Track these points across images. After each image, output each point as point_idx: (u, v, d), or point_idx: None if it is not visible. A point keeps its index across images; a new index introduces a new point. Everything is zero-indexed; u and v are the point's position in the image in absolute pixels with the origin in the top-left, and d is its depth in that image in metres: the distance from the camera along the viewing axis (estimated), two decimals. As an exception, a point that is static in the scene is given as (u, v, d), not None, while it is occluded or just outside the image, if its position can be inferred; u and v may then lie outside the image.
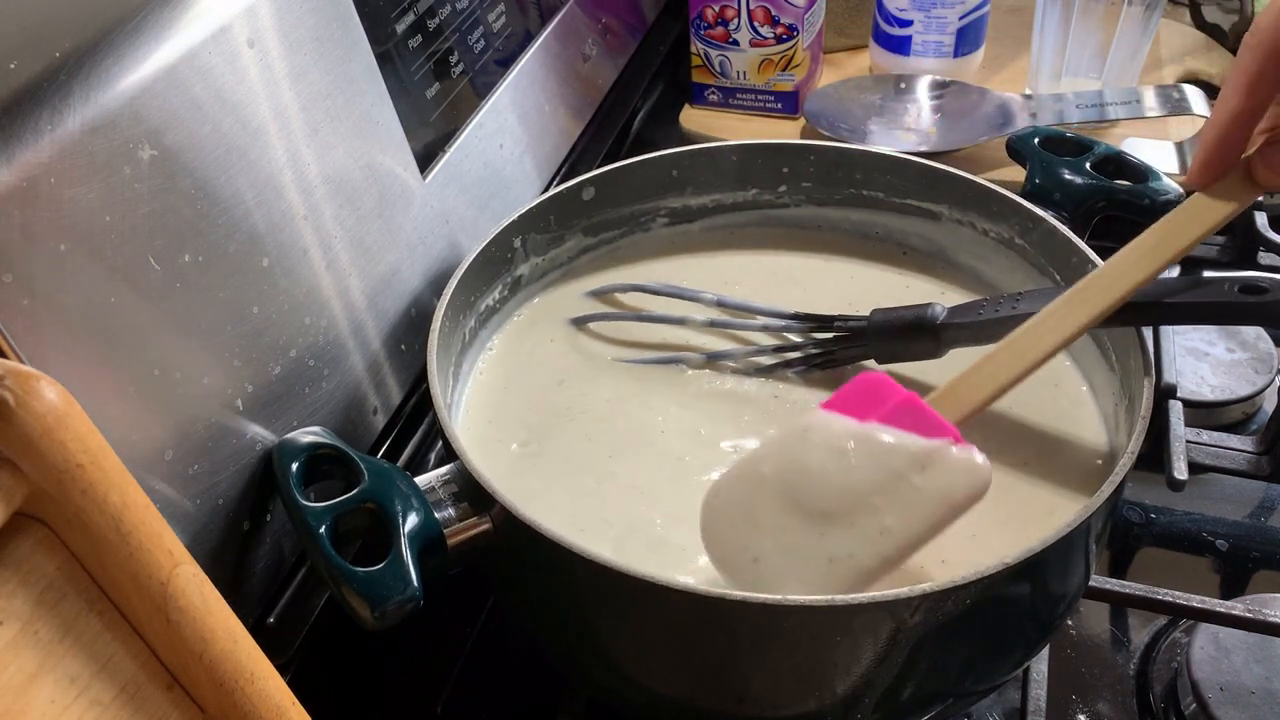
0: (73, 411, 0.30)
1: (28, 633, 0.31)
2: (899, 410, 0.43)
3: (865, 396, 0.44)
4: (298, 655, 0.48)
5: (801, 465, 0.43)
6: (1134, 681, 0.56)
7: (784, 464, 0.44)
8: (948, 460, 0.42)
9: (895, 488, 0.42)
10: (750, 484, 0.44)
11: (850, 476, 0.43)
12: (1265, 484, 0.65)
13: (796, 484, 0.43)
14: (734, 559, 0.44)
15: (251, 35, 0.45)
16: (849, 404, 0.44)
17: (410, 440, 0.57)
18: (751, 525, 0.44)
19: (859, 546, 0.42)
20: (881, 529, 0.42)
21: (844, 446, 0.43)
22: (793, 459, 0.44)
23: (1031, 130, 0.63)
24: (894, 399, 0.43)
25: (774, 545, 0.43)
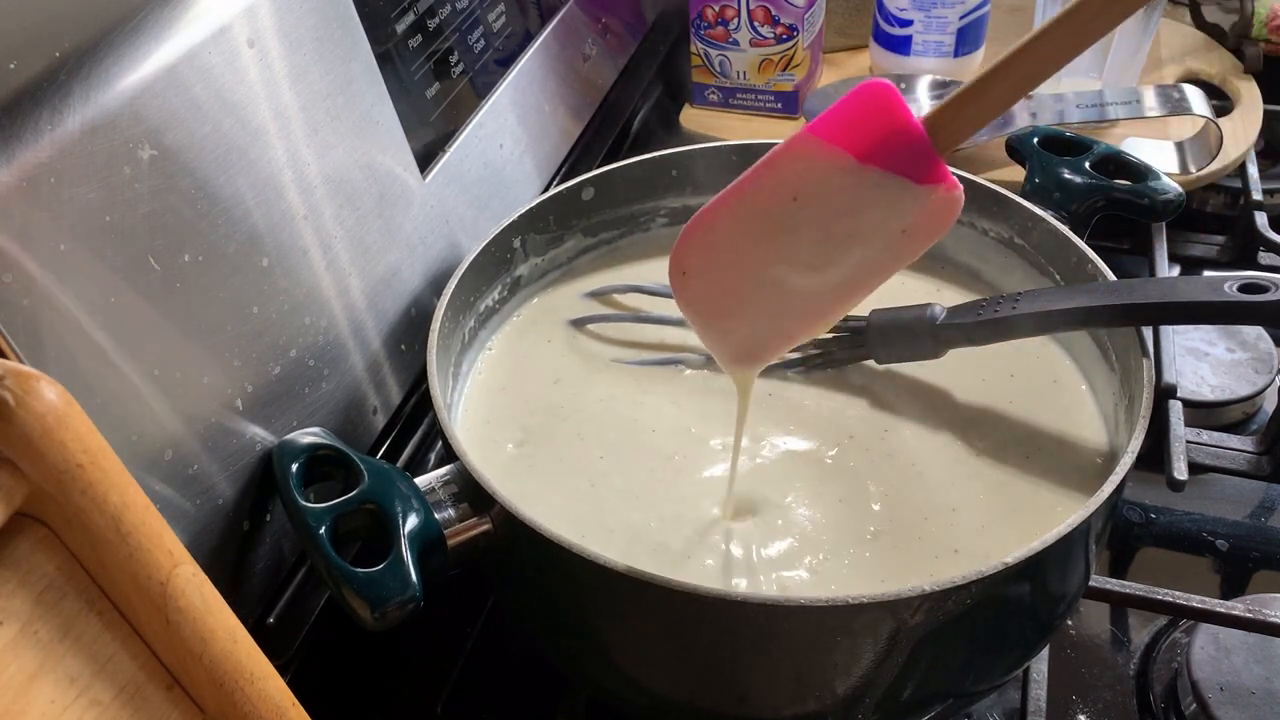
0: (73, 411, 0.30)
1: (28, 633, 0.31)
2: (900, 150, 0.38)
3: (861, 120, 0.39)
4: (298, 655, 0.48)
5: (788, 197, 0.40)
6: (1134, 681, 0.56)
7: (771, 197, 0.41)
8: (935, 201, 0.39)
9: (877, 230, 0.40)
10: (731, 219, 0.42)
11: (834, 216, 0.40)
12: (1265, 484, 0.65)
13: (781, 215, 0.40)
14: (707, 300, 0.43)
15: (251, 35, 0.45)
16: (841, 131, 0.39)
17: (410, 440, 0.57)
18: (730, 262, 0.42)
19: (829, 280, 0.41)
20: (856, 269, 0.41)
21: (834, 186, 0.39)
22: (780, 191, 0.40)
23: (1031, 130, 0.63)
24: (897, 127, 0.38)
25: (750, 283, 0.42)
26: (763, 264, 0.41)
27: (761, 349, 0.45)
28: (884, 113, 0.38)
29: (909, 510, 0.50)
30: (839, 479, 0.51)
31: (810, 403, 0.56)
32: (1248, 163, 0.80)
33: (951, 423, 0.54)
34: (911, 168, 0.38)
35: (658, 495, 0.51)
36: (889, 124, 0.38)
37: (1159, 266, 0.71)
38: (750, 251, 0.42)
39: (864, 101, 0.38)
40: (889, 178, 0.39)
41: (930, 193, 0.39)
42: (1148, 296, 0.48)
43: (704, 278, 0.43)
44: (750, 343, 0.44)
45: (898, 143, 0.38)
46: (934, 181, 0.39)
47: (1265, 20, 0.86)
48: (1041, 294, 0.52)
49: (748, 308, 0.43)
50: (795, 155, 0.40)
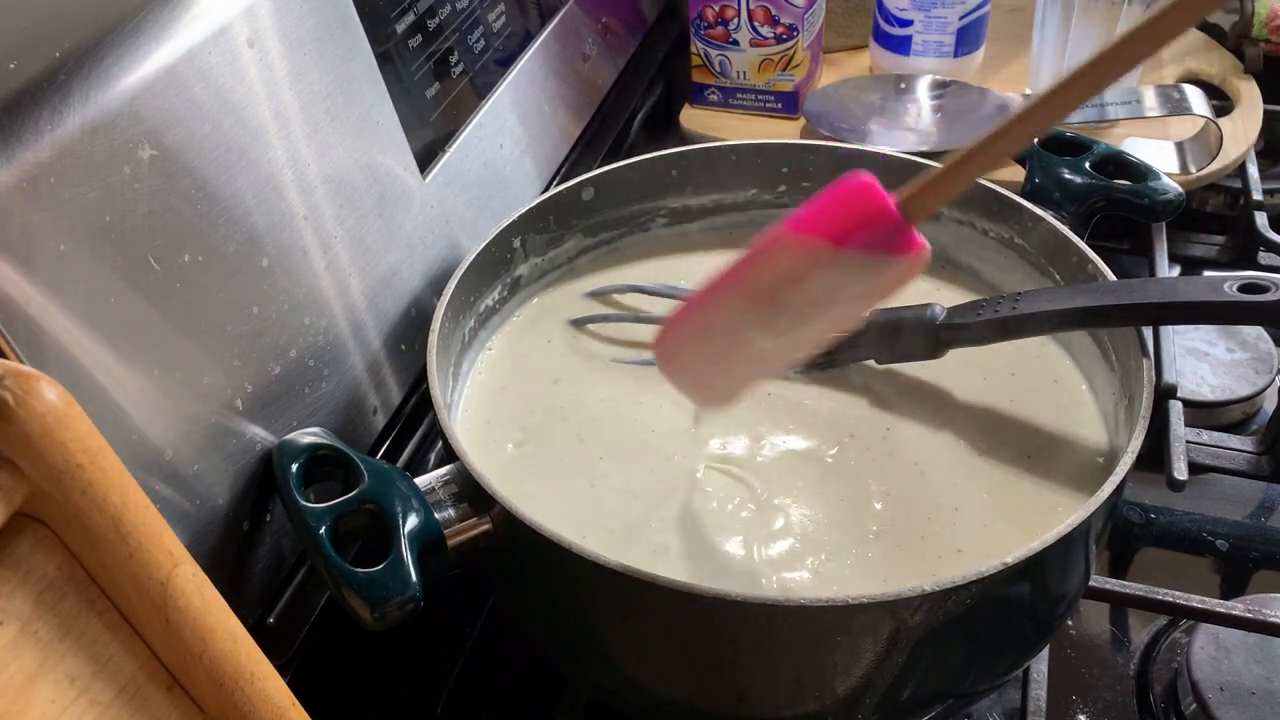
0: (73, 411, 0.30)
1: (28, 633, 0.31)
2: (875, 230, 0.40)
3: (843, 212, 0.41)
4: (298, 655, 0.48)
5: (768, 287, 0.42)
6: (1134, 681, 0.56)
7: (752, 289, 0.43)
8: (905, 265, 0.41)
9: (848, 296, 0.42)
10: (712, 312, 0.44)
11: (811, 293, 0.42)
12: (1265, 484, 0.65)
13: (760, 301, 0.43)
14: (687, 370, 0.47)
15: (251, 35, 0.45)
16: (823, 223, 0.41)
17: (410, 440, 0.57)
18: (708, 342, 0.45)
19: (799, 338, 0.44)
20: (824, 322, 0.43)
21: (813, 271, 0.41)
22: (761, 283, 0.43)
23: (1031, 130, 0.63)
24: (876, 213, 0.40)
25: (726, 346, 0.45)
26: (738, 338, 0.44)
27: (729, 396, 0.48)
28: (864, 203, 0.40)
29: (912, 510, 0.50)
30: (840, 479, 0.51)
31: (810, 402, 0.56)
32: (1248, 163, 0.80)
33: (953, 422, 0.54)
34: (886, 244, 0.40)
35: (658, 496, 0.51)
36: (868, 211, 0.40)
37: (1159, 266, 0.71)
38: (727, 331, 0.44)
39: (846, 194, 0.40)
40: (864, 255, 0.41)
41: (901, 258, 0.41)
42: (1148, 296, 0.48)
43: (685, 361, 0.47)
44: (721, 392, 0.48)
45: (875, 226, 0.40)
46: (906, 251, 0.41)
47: (1265, 20, 0.86)
48: (1041, 294, 0.52)
49: (721, 368, 0.46)
50: (775, 253, 0.42)
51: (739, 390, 0.48)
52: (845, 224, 0.40)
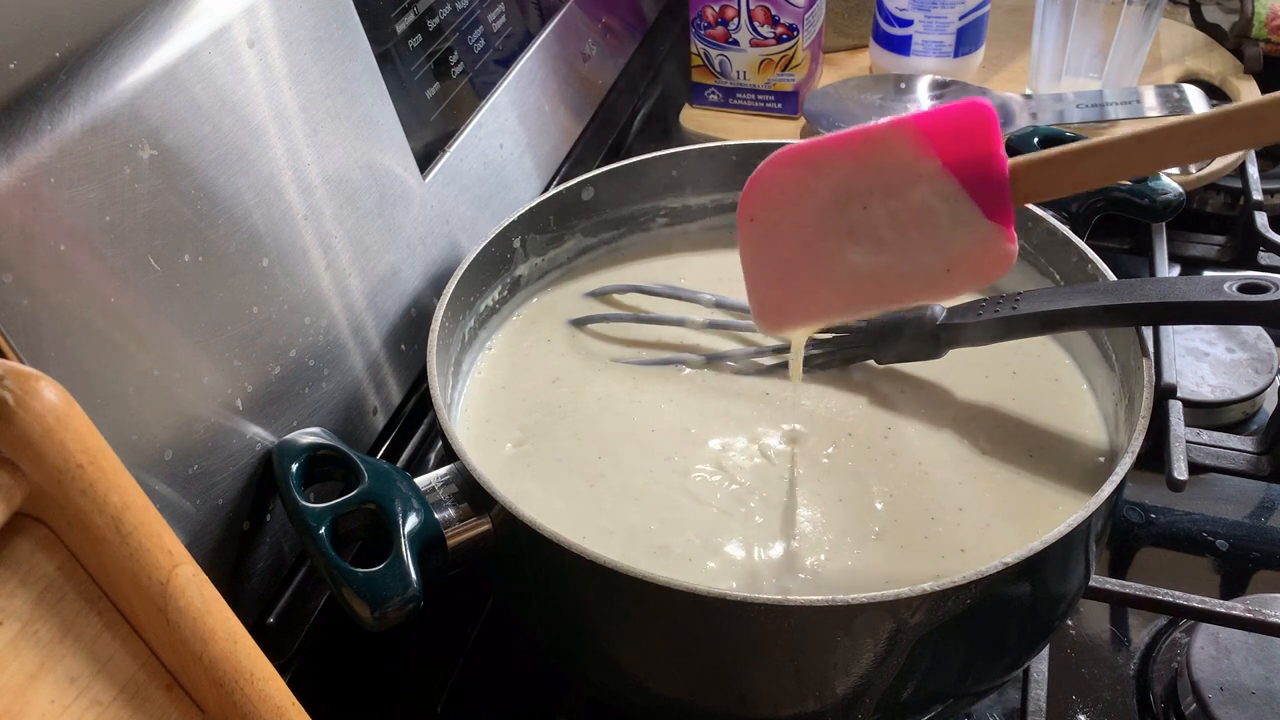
0: (73, 411, 0.30)
1: (28, 633, 0.31)
2: (981, 176, 0.40)
3: (960, 131, 0.41)
4: (298, 655, 0.48)
5: (872, 171, 0.42)
6: (1134, 681, 0.56)
7: (858, 163, 0.42)
8: (992, 244, 0.41)
9: (936, 239, 0.42)
10: (815, 167, 0.43)
11: (904, 208, 0.42)
12: (1265, 484, 0.65)
13: (859, 186, 0.42)
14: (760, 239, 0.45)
15: (251, 35, 0.45)
16: (940, 134, 0.41)
17: (410, 440, 0.57)
18: (791, 210, 0.43)
19: (868, 270, 0.43)
20: (892, 266, 0.42)
21: (913, 179, 0.41)
22: (867, 160, 0.42)
23: (1031, 130, 0.63)
24: (983, 155, 0.40)
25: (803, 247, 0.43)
26: (826, 229, 0.43)
27: (793, 315, 0.46)
28: (982, 135, 0.40)
29: (915, 509, 0.50)
30: (841, 478, 0.51)
31: (810, 402, 0.56)
32: (1248, 163, 0.80)
33: (954, 421, 0.54)
34: (984, 197, 0.40)
35: (657, 497, 0.51)
36: (982, 147, 0.40)
37: (1159, 266, 0.71)
38: (819, 213, 0.43)
39: (968, 116, 0.40)
40: (963, 196, 0.41)
41: (990, 232, 0.41)
42: (1148, 296, 0.48)
43: (770, 229, 0.44)
44: (786, 305, 0.46)
45: (983, 168, 0.40)
46: (999, 221, 0.41)
47: (1265, 20, 0.86)
48: (1041, 294, 0.52)
49: (797, 269, 0.44)
50: (892, 136, 0.41)
51: (801, 313, 0.46)
52: (959, 146, 0.40)
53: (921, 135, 0.41)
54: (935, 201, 0.41)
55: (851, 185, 0.42)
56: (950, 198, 0.41)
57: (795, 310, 0.46)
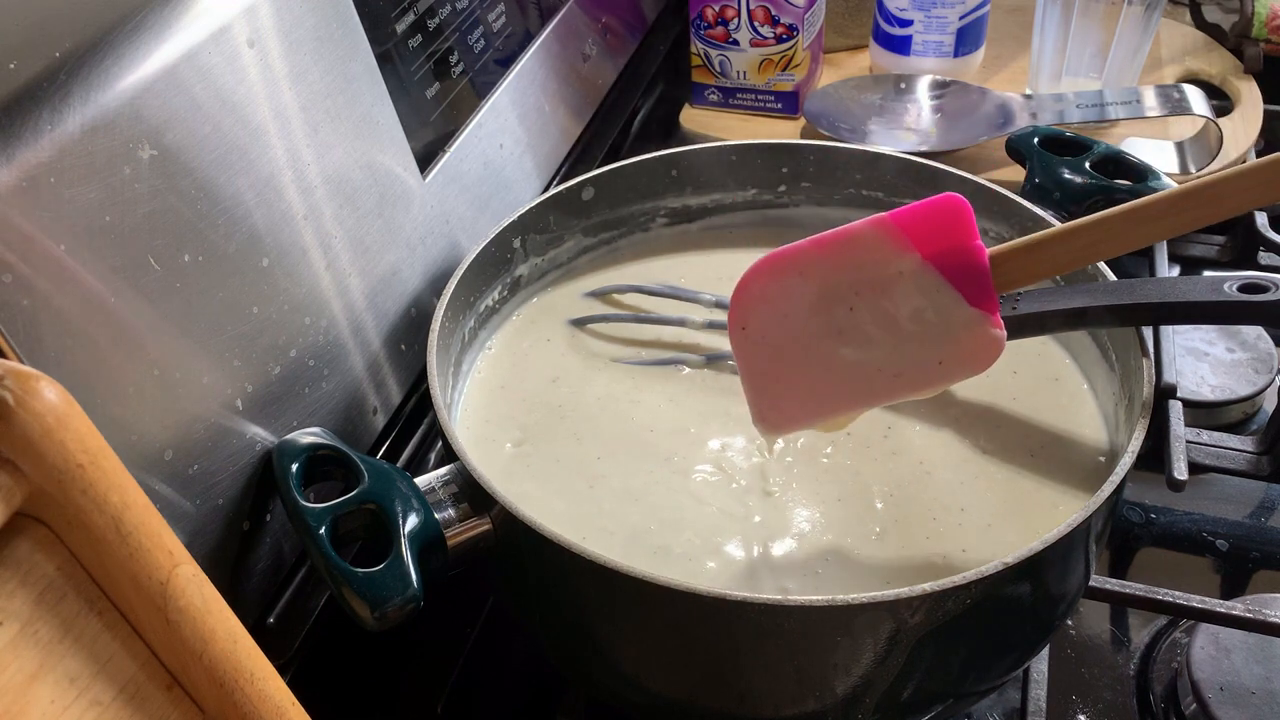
0: (73, 411, 0.30)
1: (28, 633, 0.31)
2: (962, 267, 0.41)
3: (937, 225, 0.42)
4: (298, 655, 0.48)
5: (854, 270, 0.43)
6: (1134, 681, 0.56)
7: (839, 264, 0.43)
8: (978, 332, 0.42)
9: (919, 330, 0.43)
10: (797, 273, 0.44)
11: (889, 303, 0.43)
12: (1265, 484, 0.65)
13: (837, 283, 0.43)
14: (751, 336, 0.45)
15: (251, 35, 0.45)
16: (917, 228, 0.42)
17: (410, 440, 0.57)
18: (780, 316, 0.44)
19: (861, 371, 0.44)
20: (884, 365, 0.43)
21: (895, 275, 0.42)
22: (847, 260, 0.43)
23: (1031, 130, 0.63)
24: (962, 247, 0.41)
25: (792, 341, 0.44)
26: (816, 332, 0.44)
27: (790, 419, 0.47)
28: (958, 227, 0.41)
29: (916, 509, 0.50)
30: (841, 478, 0.51)
31: (810, 403, 0.56)
32: (1248, 163, 0.79)
33: (955, 421, 0.54)
34: (966, 286, 0.42)
35: (656, 497, 0.51)
36: (960, 239, 0.41)
37: (1159, 266, 0.71)
38: (808, 317, 0.44)
39: (943, 210, 0.41)
40: (945, 287, 0.42)
41: (975, 320, 0.42)
42: (1148, 296, 0.48)
43: (762, 335, 0.45)
44: (783, 409, 0.47)
45: (962, 258, 0.41)
46: (983, 308, 0.42)
47: (1265, 20, 0.86)
48: (1041, 294, 0.52)
49: (791, 373, 0.45)
50: (870, 234, 0.42)
51: (807, 414, 0.46)
52: (935, 238, 0.41)
53: (898, 231, 0.42)
54: (918, 295, 0.42)
55: (836, 286, 0.43)
56: (933, 290, 0.42)
57: (793, 413, 0.47)
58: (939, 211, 0.41)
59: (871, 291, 0.43)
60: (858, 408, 0.46)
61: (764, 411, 0.47)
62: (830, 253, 0.43)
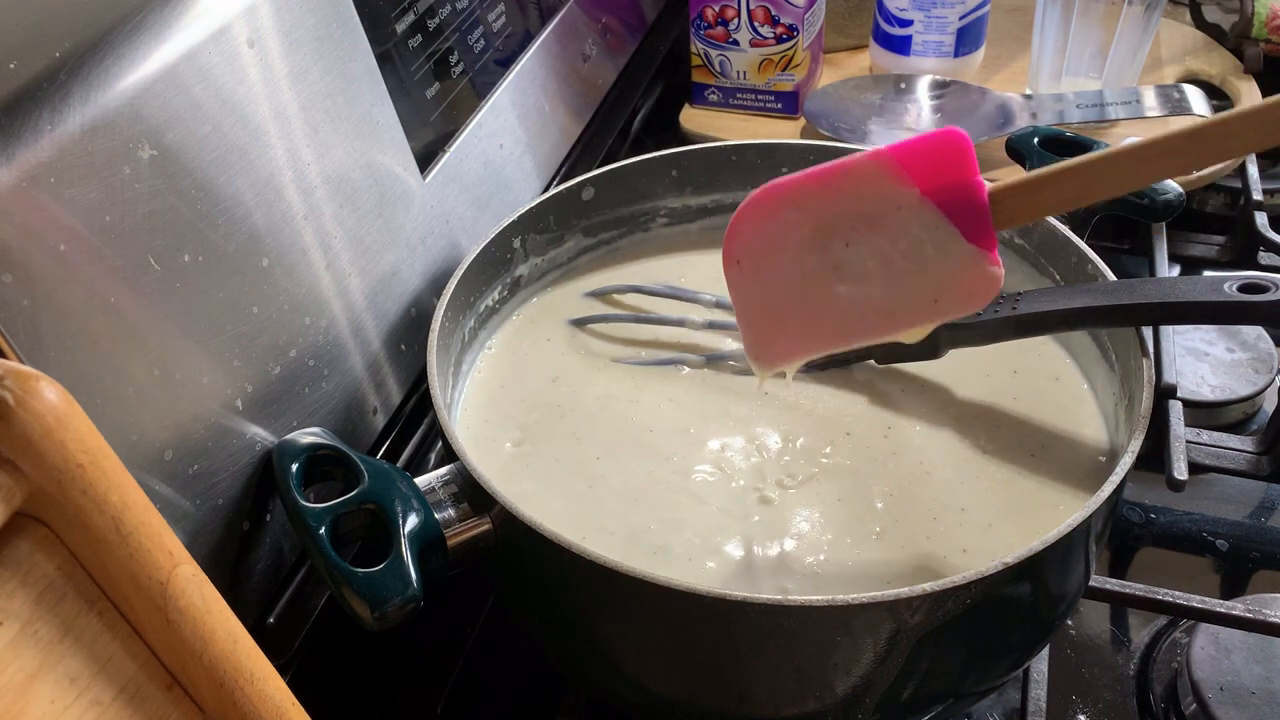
0: (73, 411, 0.30)
1: (28, 633, 0.31)
2: (961, 203, 0.41)
3: (936, 160, 0.41)
4: (298, 655, 0.48)
5: (853, 204, 0.42)
6: (1134, 681, 0.56)
7: (837, 198, 0.42)
8: (977, 268, 0.41)
9: (921, 267, 0.42)
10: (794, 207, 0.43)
11: (887, 239, 0.42)
12: (1265, 484, 0.65)
13: (839, 221, 0.42)
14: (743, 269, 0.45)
15: (251, 35, 0.45)
16: (917, 163, 0.41)
17: (410, 440, 0.57)
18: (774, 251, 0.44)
19: (855, 306, 0.43)
20: (880, 301, 0.43)
21: (893, 210, 0.41)
22: (846, 195, 0.42)
23: (1031, 130, 0.63)
24: (961, 183, 0.40)
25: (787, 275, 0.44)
26: (812, 267, 0.43)
27: (785, 352, 0.46)
28: (958, 162, 0.40)
29: (916, 509, 0.50)
30: (841, 478, 0.51)
31: (810, 401, 0.56)
32: (1248, 163, 0.80)
33: (956, 421, 0.54)
34: (965, 223, 0.40)
35: (656, 497, 0.51)
36: (962, 175, 0.40)
37: (1159, 266, 0.71)
38: (803, 251, 0.43)
39: (943, 145, 0.40)
40: (944, 223, 0.41)
41: (974, 257, 0.41)
42: (1148, 296, 0.48)
43: (756, 270, 0.44)
44: (777, 342, 0.46)
45: (961, 194, 0.40)
46: (981, 245, 0.41)
47: (1265, 20, 0.86)
48: (1041, 294, 0.52)
49: (786, 308, 0.44)
50: (869, 167, 0.41)
51: (799, 349, 0.46)
52: (936, 174, 0.40)
53: (898, 165, 0.41)
54: (917, 230, 0.41)
55: (833, 220, 0.42)
56: (931, 225, 0.41)
57: (786, 347, 0.46)
58: (939, 147, 0.40)
59: (868, 227, 0.42)
60: (852, 343, 0.45)
61: (758, 347, 0.47)
62: (827, 186, 0.42)
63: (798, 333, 0.45)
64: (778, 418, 0.55)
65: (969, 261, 0.41)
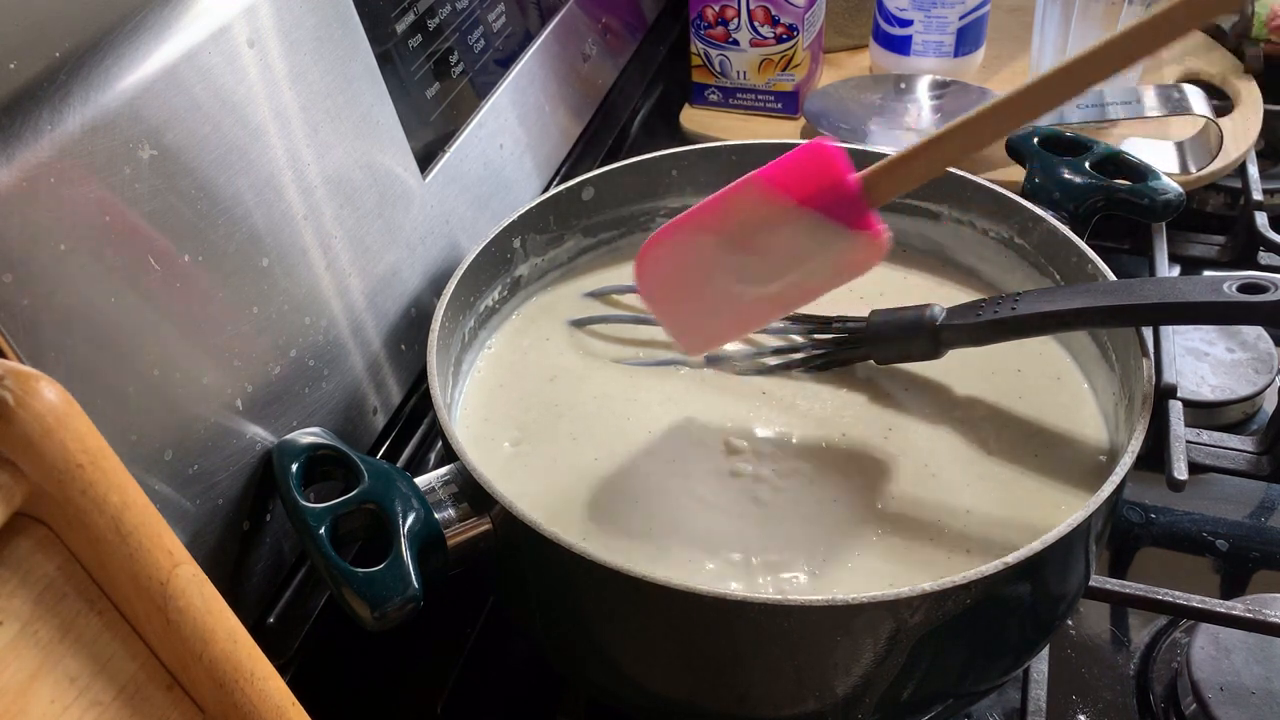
0: (73, 411, 0.30)
1: (28, 633, 0.31)
2: (835, 197, 0.45)
3: (804, 172, 0.45)
4: (298, 655, 0.48)
5: (738, 226, 0.47)
6: (1134, 681, 0.56)
7: (724, 223, 0.47)
8: (862, 245, 0.46)
9: (810, 266, 0.47)
10: (690, 236, 0.48)
11: (776, 245, 0.47)
12: (1265, 484, 0.65)
13: (732, 238, 0.47)
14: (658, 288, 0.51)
15: (251, 35, 0.45)
16: (786, 178, 0.45)
17: (410, 440, 0.57)
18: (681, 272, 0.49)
19: (764, 296, 0.48)
20: (785, 288, 0.48)
21: (777, 222, 0.46)
22: (731, 220, 0.47)
23: (1031, 129, 0.63)
24: (835, 179, 0.45)
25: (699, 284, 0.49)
26: (713, 276, 0.48)
27: (709, 341, 0.53)
28: (824, 168, 0.45)
29: (919, 510, 0.50)
30: (842, 479, 0.51)
31: (808, 402, 0.56)
32: (1248, 163, 0.80)
33: (959, 420, 0.54)
34: (844, 215, 0.45)
35: (655, 497, 0.51)
36: (830, 178, 0.44)
37: (1159, 266, 0.71)
38: (707, 271, 0.48)
39: (808, 158, 0.45)
40: (824, 221, 0.45)
41: (858, 239, 0.45)
42: (1147, 297, 0.48)
43: (668, 295, 0.50)
44: (702, 335, 0.52)
45: (833, 194, 0.45)
46: (864, 229, 0.45)
47: (1265, 20, 0.86)
48: (1041, 294, 0.52)
49: (702, 314, 0.50)
50: (746, 194, 0.46)
51: (716, 338, 0.52)
52: (806, 184, 0.45)
53: (769, 185, 0.45)
54: (804, 234, 0.45)
55: (728, 242, 0.47)
56: (815, 227, 0.45)
57: (710, 337, 0.52)
58: (805, 160, 0.45)
59: (760, 239, 0.46)
60: (769, 320, 0.52)
61: (685, 342, 0.52)
62: (716, 215, 0.47)
63: (720, 326, 0.51)
64: (778, 418, 0.55)
65: (855, 243, 0.45)
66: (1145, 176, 0.59)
